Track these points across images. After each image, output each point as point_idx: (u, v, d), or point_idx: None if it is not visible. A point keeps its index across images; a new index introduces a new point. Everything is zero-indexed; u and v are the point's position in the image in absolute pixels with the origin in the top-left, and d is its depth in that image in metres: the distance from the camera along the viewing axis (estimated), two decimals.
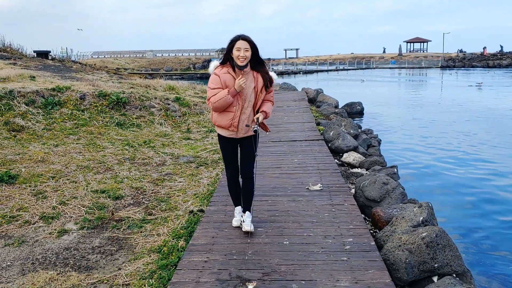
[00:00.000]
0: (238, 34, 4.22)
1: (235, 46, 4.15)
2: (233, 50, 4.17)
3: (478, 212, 7.17)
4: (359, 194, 6.00)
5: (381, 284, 3.60)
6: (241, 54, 4.13)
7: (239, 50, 4.14)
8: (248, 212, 4.60)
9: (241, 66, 4.20)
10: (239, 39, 4.16)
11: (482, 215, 7.02)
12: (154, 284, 3.79)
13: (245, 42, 4.15)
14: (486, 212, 7.13)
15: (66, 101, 11.07)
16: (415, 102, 22.91)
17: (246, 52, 4.15)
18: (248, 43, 4.15)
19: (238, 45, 4.14)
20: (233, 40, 4.18)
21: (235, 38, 4.19)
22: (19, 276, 4.04)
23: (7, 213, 5.39)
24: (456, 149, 11.58)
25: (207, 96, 4.31)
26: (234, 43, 4.16)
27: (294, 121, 11.58)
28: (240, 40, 4.15)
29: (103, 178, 6.74)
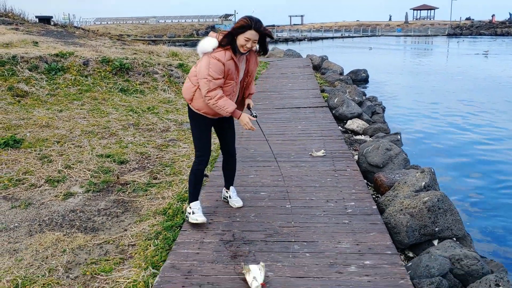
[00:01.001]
0: (250, 19, 3.56)
1: (244, 34, 3.55)
2: (241, 37, 3.56)
3: (480, 177, 7.20)
4: (362, 160, 6.03)
5: (382, 247, 3.66)
6: (248, 45, 3.59)
7: (247, 40, 3.56)
8: (232, 187, 4.52)
9: (242, 53, 3.70)
10: (251, 28, 3.53)
11: (484, 181, 7.06)
12: (160, 244, 3.87)
13: (257, 33, 3.56)
14: (488, 178, 7.17)
15: (70, 67, 11.01)
16: (420, 70, 22.66)
17: (253, 44, 3.62)
18: (258, 35, 3.59)
19: (248, 35, 3.55)
20: (244, 27, 3.53)
21: (247, 25, 3.53)
22: (26, 236, 4.13)
23: (13, 176, 5.45)
24: (460, 117, 11.54)
25: (207, 86, 3.63)
26: (244, 30, 3.54)
27: (298, 88, 11.51)
28: (252, 30, 3.53)
29: (108, 143, 6.77)
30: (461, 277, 3.60)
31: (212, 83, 3.62)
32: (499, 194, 6.52)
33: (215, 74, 3.60)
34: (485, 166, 7.73)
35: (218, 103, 3.67)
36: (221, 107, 3.69)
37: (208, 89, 3.64)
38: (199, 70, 3.68)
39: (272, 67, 16.28)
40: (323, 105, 9.43)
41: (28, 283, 3.39)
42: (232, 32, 3.60)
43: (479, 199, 6.35)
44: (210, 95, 3.65)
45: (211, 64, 3.59)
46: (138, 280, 3.39)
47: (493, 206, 6.11)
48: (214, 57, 3.59)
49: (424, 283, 3.23)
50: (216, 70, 3.59)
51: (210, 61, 3.59)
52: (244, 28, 3.54)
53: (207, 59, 3.60)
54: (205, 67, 3.60)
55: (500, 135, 9.74)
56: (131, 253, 3.82)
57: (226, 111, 3.71)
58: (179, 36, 56.54)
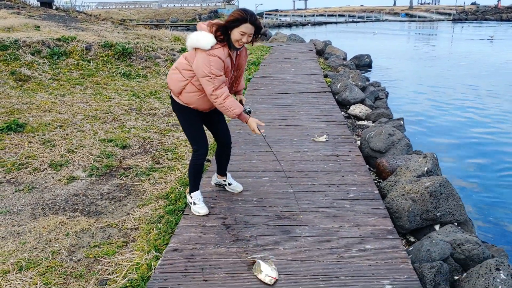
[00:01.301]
0: (245, 12, 3.41)
1: (239, 28, 3.38)
2: (236, 31, 3.40)
3: (483, 163, 7.20)
4: (364, 145, 6.02)
5: (383, 231, 3.67)
6: (243, 39, 3.43)
7: (243, 34, 3.40)
8: (228, 173, 4.46)
9: (237, 48, 3.56)
10: (246, 21, 3.36)
11: (487, 166, 7.05)
12: (162, 228, 3.90)
13: (252, 27, 3.40)
14: (491, 164, 7.16)
15: (72, 51, 10.98)
16: (424, 56, 22.50)
17: (249, 37, 3.45)
18: (254, 28, 3.43)
19: (243, 29, 3.38)
20: (239, 20, 3.36)
21: (242, 18, 3.36)
22: (30, 220, 4.16)
23: (16, 160, 5.48)
24: (463, 103, 11.48)
25: (212, 84, 3.44)
26: (239, 24, 3.37)
27: (301, 73, 11.45)
28: (247, 24, 3.37)
29: (110, 127, 6.78)
30: (462, 261, 3.62)
31: (216, 80, 3.44)
32: (502, 180, 6.52)
33: (217, 71, 3.43)
34: (489, 152, 7.72)
35: (225, 103, 3.49)
36: (228, 108, 3.51)
37: (214, 87, 3.45)
38: (198, 67, 3.45)
39: (275, 52, 16.19)
40: (326, 90, 9.39)
41: (32, 266, 3.43)
42: (226, 25, 3.40)
43: (482, 185, 6.35)
44: (216, 93, 3.47)
45: (212, 61, 3.40)
46: (141, 263, 3.42)
47: (496, 192, 6.11)
48: (214, 54, 3.40)
49: (425, 267, 3.25)
50: (218, 67, 3.43)
51: (210, 58, 3.39)
52: (239, 22, 3.37)
53: (206, 57, 3.39)
54: (206, 64, 3.40)
55: (504, 121, 9.70)
56: (134, 237, 3.85)
57: (233, 112, 3.53)
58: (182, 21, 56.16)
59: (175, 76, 3.65)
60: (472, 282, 3.19)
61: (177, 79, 3.64)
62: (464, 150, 7.87)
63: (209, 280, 3.10)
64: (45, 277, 3.30)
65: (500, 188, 6.25)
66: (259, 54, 14.66)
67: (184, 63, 3.62)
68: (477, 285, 3.15)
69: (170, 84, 3.71)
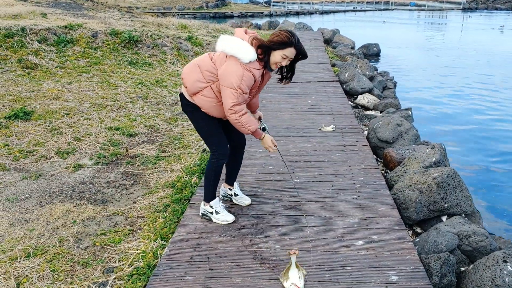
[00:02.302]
0: (292, 35, 3.23)
1: (283, 51, 3.20)
2: (277, 53, 3.22)
3: (491, 154, 7.14)
4: (371, 135, 5.98)
5: (390, 222, 3.66)
6: (283, 63, 3.27)
7: (285, 58, 3.24)
8: (236, 183, 4.05)
9: (272, 70, 3.40)
10: (292, 45, 3.20)
11: (495, 157, 6.99)
12: (168, 217, 3.90)
13: (296, 52, 3.25)
14: (500, 155, 7.10)
15: (79, 39, 10.96)
16: (433, 45, 22.25)
17: (288, 62, 3.30)
18: (298, 55, 3.30)
19: (287, 53, 3.22)
20: (286, 44, 3.19)
21: (289, 41, 3.18)
22: (37, 207, 4.18)
23: (23, 148, 5.50)
24: (473, 93, 11.37)
25: (234, 99, 3.21)
26: (284, 47, 3.20)
27: (308, 62, 11.35)
28: (292, 48, 3.21)
29: (117, 116, 6.78)
30: (469, 253, 3.60)
31: (241, 97, 3.23)
32: (510, 171, 6.46)
33: (246, 88, 3.23)
34: (497, 143, 7.65)
35: (241, 119, 3.29)
36: (243, 124, 3.32)
37: (235, 102, 3.22)
38: (226, 76, 3.20)
39: None
40: (333, 80, 9.32)
41: (40, 253, 3.45)
42: (270, 46, 3.21)
43: (490, 176, 6.30)
44: (235, 109, 3.24)
45: (245, 76, 3.18)
46: (147, 251, 3.44)
47: (504, 183, 6.06)
48: (250, 70, 3.20)
49: (431, 258, 3.23)
50: (248, 85, 3.23)
51: (245, 73, 3.17)
52: (286, 45, 3.19)
53: (241, 69, 3.16)
54: (238, 76, 3.16)
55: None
56: (140, 225, 3.86)
57: (249, 129, 3.36)
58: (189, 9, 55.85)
59: (195, 75, 3.35)
60: (479, 274, 3.18)
61: (197, 79, 3.35)
62: (473, 141, 7.80)
63: (215, 269, 3.11)
64: (52, 264, 3.32)
65: (509, 180, 6.20)
66: None
67: (208, 63, 3.34)
68: (483, 277, 3.13)
69: (186, 81, 3.39)
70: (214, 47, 11.29)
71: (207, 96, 3.36)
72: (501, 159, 6.93)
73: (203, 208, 3.75)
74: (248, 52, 3.17)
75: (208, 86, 3.34)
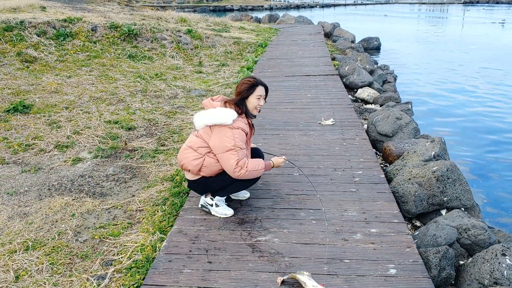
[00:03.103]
0: (253, 78, 3.56)
1: (254, 94, 3.49)
2: (251, 98, 3.50)
3: (491, 148, 7.12)
4: (371, 129, 5.97)
5: (389, 215, 3.65)
6: (261, 103, 3.54)
7: (259, 98, 3.52)
8: None
9: (254, 116, 3.62)
10: (258, 85, 3.52)
11: (495, 151, 6.98)
12: (167, 210, 3.90)
13: (264, 88, 3.57)
14: (499, 149, 7.09)
15: (78, 33, 10.92)
16: (434, 39, 22.17)
17: (264, 99, 3.58)
18: (265, 90, 3.60)
19: (259, 93, 3.51)
20: (253, 86, 3.49)
21: (253, 83, 3.51)
22: (36, 200, 4.18)
23: (23, 141, 5.49)
24: (473, 87, 11.34)
25: (235, 157, 3.37)
26: (253, 90, 3.49)
27: (308, 56, 11.33)
28: (260, 87, 3.53)
29: (116, 109, 6.77)
30: (468, 246, 3.60)
31: (241, 152, 3.40)
32: (510, 165, 6.45)
33: (241, 144, 3.42)
34: (497, 137, 7.63)
35: (249, 169, 3.43)
36: (255, 169, 3.48)
37: (237, 159, 3.38)
38: (219, 144, 3.39)
39: (282, 34, 16.02)
40: (333, 73, 9.29)
41: (38, 246, 3.45)
42: (242, 96, 3.49)
43: (490, 170, 6.29)
44: (240, 164, 3.39)
45: (236, 134, 3.38)
46: (146, 244, 3.44)
47: (504, 177, 6.06)
48: (237, 127, 3.39)
49: (430, 251, 3.23)
50: (241, 140, 3.42)
51: (234, 131, 3.37)
52: (253, 87, 3.49)
53: (229, 131, 3.37)
54: (229, 138, 3.36)
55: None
56: (139, 218, 3.86)
57: (261, 168, 3.54)
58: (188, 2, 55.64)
59: (191, 155, 3.52)
60: (477, 267, 3.18)
61: (193, 158, 3.51)
62: (473, 135, 7.79)
63: (214, 262, 3.11)
64: (51, 257, 3.32)
65: (508, 173, 6.19)
66: (266, 36, 14.51)
67: (198, 141, 3.53)
68: (482, 270, 3.13)
69: (185, 164, 3.55)
70: (213, 41, 11.22)
71: (210, 164, 3.50)
72: (501, 153, 6.92)
73: (203, 199, 3.75)
74: (228, 113, 3.39)
75: (205, 156, 3.50)
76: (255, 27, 16.56)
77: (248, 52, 11.88)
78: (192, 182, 3.65)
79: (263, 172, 3.59)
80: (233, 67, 10.22)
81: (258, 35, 14.65)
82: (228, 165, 3.40)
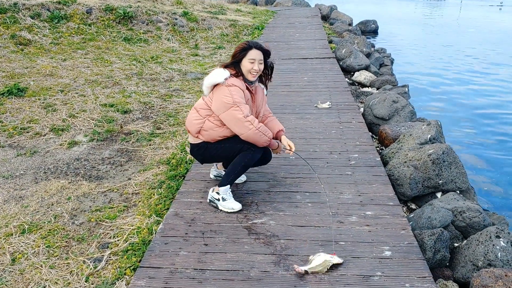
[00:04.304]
0: (248, 41, 3.41)
1: (247, 57, 3.33)
2: (244, 61, 3.35)
3: (487, 131, 7.14)
4: (367, 112, 5.96)
5: (384, 198, 3.67)
6: (255, 67, 3.35)
7: (252, 62, 3.34)
8: None
9: (252, 81, 3.47)
10: (251, 48, 3.35)
11: (491, 134, 7.00)
12: (163, 193, 3.90)
13: (260, 52, 3.37)
14: (495, 132, 7.10)
15: (73, 15, 10.78)
16: (431, 22, 22.02)
17: (260, 65, 3.39)
18: (262, 54, 3.39)
19: (251, 56, 3.33)
20: (245, 49, 3.35)
21: (246, 46, 3.36)
22: (32, 184, 4.17)
23: (18, 124, 5.45)
24: (470, 70, 11.31)
25: (240, 112, 3.27)
26: (245, 53, 3.34)
27: (305, 38, 11.24)
28: (253, 50, 3.35)
29: (111, 92, 6.72)
30: (463, 228, 3.63)
31: (242, 106, 3.29)
32: (505, 149, 6.48)
33: (241, 100, 3.30)
34: (493, 120, 7.64)
35: (261, 128, 3.35)
36: (263, 132, 3.36)
37: (244, 114, 3.28)
38: (219, 104, 3.33)
39: (279, 17, 15.87)
40: (330, 56, 9.24)
41: (35, 229, 3.46)
42: (235, 59, 3.38)
43: (485, 153, 6.31)
44: (249, 120, 3.30)
45: (232, 91, 3.29)
46: (142, 227, 3.45)
47: (499, 160, 6.08)
48: (232, 84, 3.31)
49: (425, 234, 3.25)
50: (241, 95, 3.31)
51: (230, 88, 3.29)
52: (245, 50, 3.34)
53: (225, 89, 3.30)
54: (226, 95, 3.29)
55: (509, 90, 9.57)
56: (135, 201, 3.87)
57: (268, 136, 3.41)
58: None
59: (193, 116, 3.52)
60: (472, 249, 3.21)
61: (194, 118, 3.51)
62: (469, 118, 7.79)
63: (210, 244, 3.12)
64: (47, 240, 3.33)
65: (504, 156, 6.22)
66: (263, 19, 14.38)
67: (202, 103, 3.51)
68: (476, 252, 3.16)
69: (187, 124, 3.58)
70: (209, 23, 11.08)
71: (210, 128, 3.46)
72: (497, 136, 6.93)
73: (211, 194, 3.63)
74: (219, 72, 3.35)
75: (205, 119, 3.46)
76: (251, 10, 16.39)
77: (244, 34, 11.78)
78: (194, 146, 3.60)
79: (265, 144, 3.44)
80: (230, 50, 10.14)
81: (255, 17, 14.50)
82: (235, 121, 3.32)
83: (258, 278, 2.78)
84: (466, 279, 3.12)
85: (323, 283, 2.73)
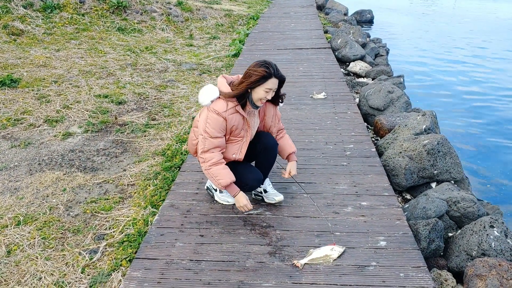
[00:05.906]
0: (270, 66, 2.96)
1: (264, 85, 2.94)
2: (259, 89, 2.96)
3: (482, 122, 7.16)
4: (363, 103, 5.96)
5: (380, 188, 3.68)
6: (268, 96, 3.00)
7: (268, 91, 2.97)
8: (267, 179, 3.56)
9: (259, 107, 3.12)
10: (271, 77, 2.94)
11: (486, 125, 7.02)
12: (159, 184, 3.90)
13: (277, 81, 3.01)
14: (490, 123, 7.12)
15: (66, 5, 10.66)
16: (427, 11, 21.98)
17: (273, 93, 3.04)
18: (280, 82, 3.06)
19: (269, 86, 2.95)
20: (265, 77, 2.92)
21: (267, 74, 2.92)
22: (27, 175, 4.15)
23: (11, 116, 5.42)
24: (466, 61, 11.31)
25: (202, 145, 3.03)
26: (264, 81, 2.93)
27: (300, 28, 11.19)
28: (273, 78, 2.95)
29: (106, 83, 6.68)
30: (457, 218, 3.65)
31: (208, 141, 3.01)
32: (500, 139, 6.50)
33: (213, 131, 2.99)
34: (488, 111, 7.66)
35: (210, 170, 3.04)
36: (213, 176, 3.05)
37: (202, 149, 3.03)
38: (199, 124, 3.09)
39: (274, 6, 15.77)
40: (325, 47, 9.20)
41: (30, 220, 3.45)
42: (248, 83, 2.93)
43: (480, 143, 6.34)
44: (203, 157, 3.04)
45: (210, 119, 2.98)
46: (138, 218, 3.44)
47: (493, 151, 6.11)
48: (213, 110, 2.97)
49: (420, 224, 3.27)
50: (215, 127, 2.99)
51: (209, 115, 2.98)
52: (265, 79, 2.92)
53: (205, 113, 3.03)
54: (203, 121, 3.03)
55: (506, 79, 9.59)
56: (130, 193, 3.86)
57: (219, 182, 3.04)
58: None
59: (190, 135, 3.40)
60: (466, 239, 3.23)
61: (191, 138, 3.38)
62: (465, 108, 7.81)
63: (206, 235, 3.13)
64: (43, 231, 3.33)
65: (498, 147, 6.24)
66: (258, 8, 14.29)
67: (196, 121, 3.28)
68: (470, 241, 3.18)
69: (188, 145, 3.49)
70: (204, 13, 11.00)
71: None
72: (492, 127, 6.96)
73: (209, 182, 3.58)
74: (208, 91, 3.01)
75: (198, 139, 3.18)
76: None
77: (239, 24, 11.72)
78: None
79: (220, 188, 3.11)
80: (225, 40, 10.09)
81: (250, 7, 14.41)
82: (198, 150, 3.13)
83: (254, 269, 2.80)
84: (460, 269, 3.14)
85: (318, 273, 2.74)
